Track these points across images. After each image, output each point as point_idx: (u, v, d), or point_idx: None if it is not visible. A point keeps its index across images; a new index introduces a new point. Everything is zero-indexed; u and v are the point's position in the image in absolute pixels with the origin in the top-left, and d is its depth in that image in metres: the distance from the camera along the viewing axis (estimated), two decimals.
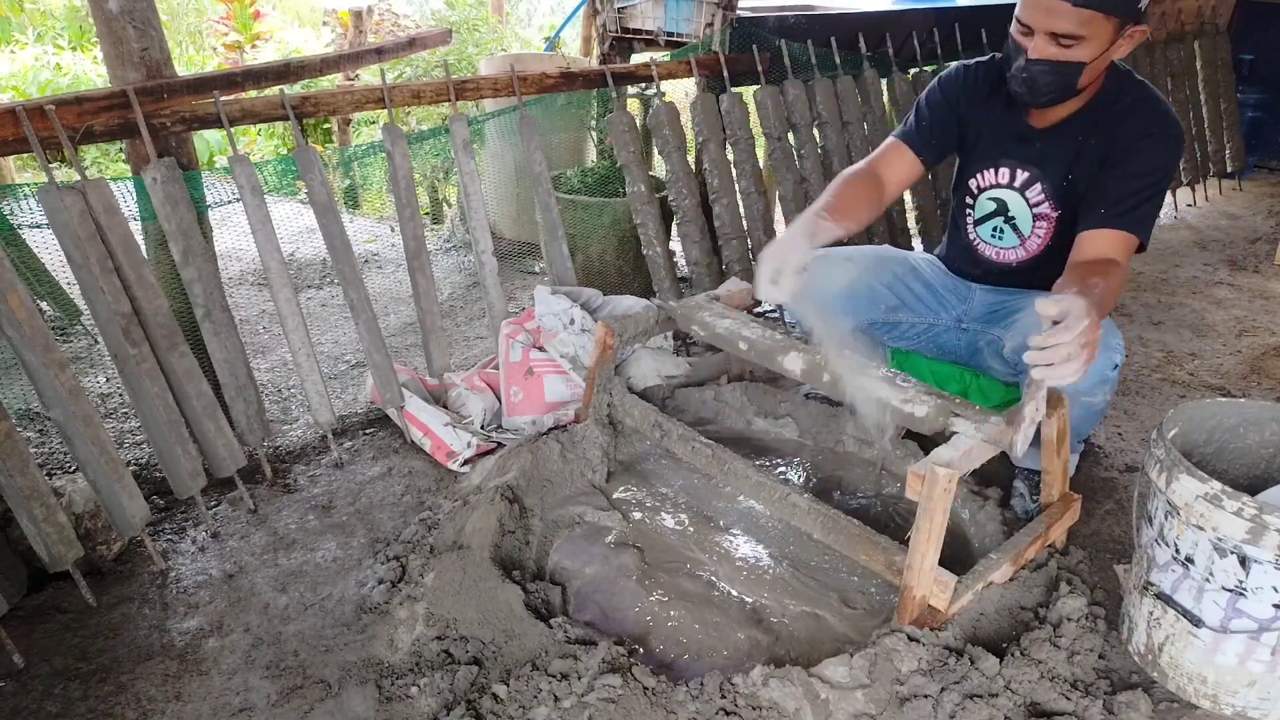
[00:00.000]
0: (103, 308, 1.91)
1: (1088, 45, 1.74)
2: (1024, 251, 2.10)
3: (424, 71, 5.70)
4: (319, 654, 1.74)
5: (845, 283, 2.23)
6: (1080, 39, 1.73)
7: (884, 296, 2.25)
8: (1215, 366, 3.02)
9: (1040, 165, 1.99)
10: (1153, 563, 1.64)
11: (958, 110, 2.10)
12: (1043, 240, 2.06)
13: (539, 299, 2.55)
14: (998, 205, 2.09)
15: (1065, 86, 1.82)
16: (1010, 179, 2.04)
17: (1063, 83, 1.81)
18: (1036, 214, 2.03)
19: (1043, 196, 2.01)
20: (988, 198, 2.10)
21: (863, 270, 2.26)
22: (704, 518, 2.10)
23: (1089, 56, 1.75)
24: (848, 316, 2.24)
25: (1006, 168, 2.04)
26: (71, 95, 1.96)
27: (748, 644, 1.72)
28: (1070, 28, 1.71)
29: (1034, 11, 1.75)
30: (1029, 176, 2.01)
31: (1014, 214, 2.07)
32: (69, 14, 7.34)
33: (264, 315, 3.43)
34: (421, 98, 2.53)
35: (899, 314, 2.28)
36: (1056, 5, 1.70)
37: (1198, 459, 1.77)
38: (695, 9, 3.42)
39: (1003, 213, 2.09)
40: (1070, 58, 1.76)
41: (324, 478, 2.32)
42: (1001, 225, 2.11)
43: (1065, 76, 1.79)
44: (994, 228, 2.12)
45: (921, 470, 1.56)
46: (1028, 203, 2.03)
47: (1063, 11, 1.70)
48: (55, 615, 1.84)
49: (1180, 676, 1.62)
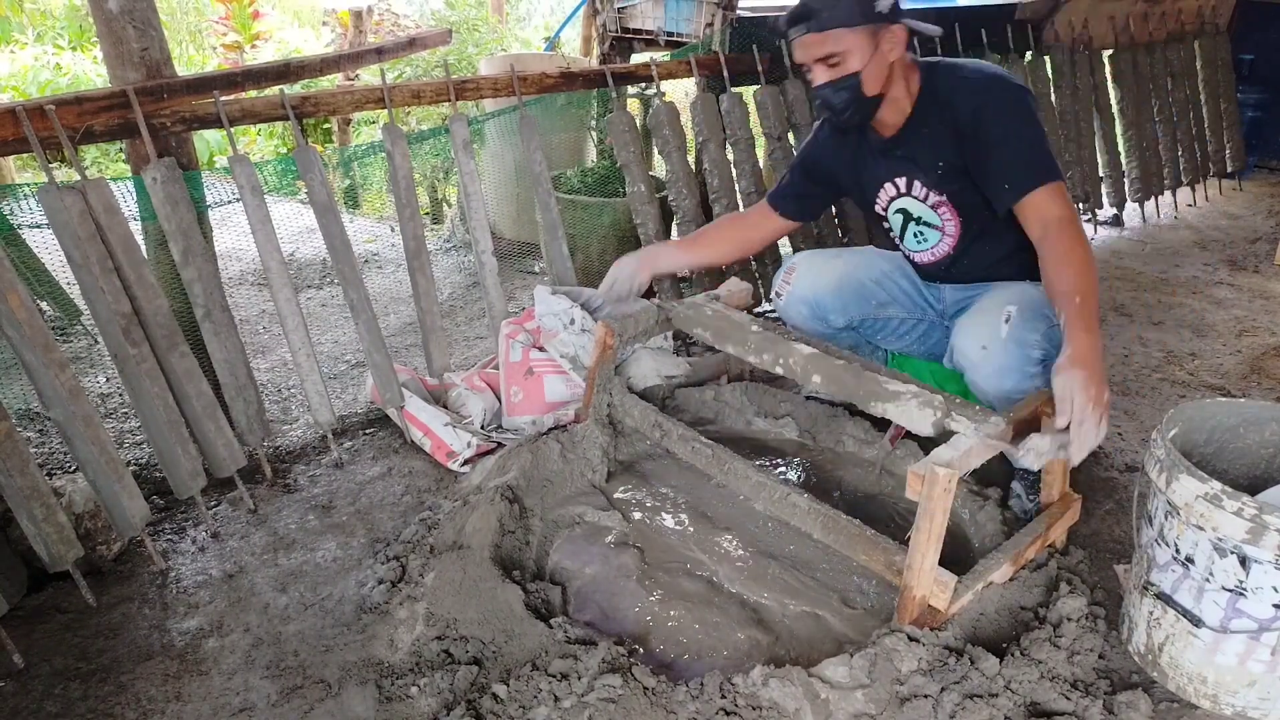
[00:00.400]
0: (103, 308, 1.91)
1: (851, 57, 1.91)
2: (951, 242, 2.14)
3: (424, 71, 5.71)
4: (319, 654, 1.74)
5: (835, 279, 2.28)
6: (841, 54, 1.90)
7: (873, 292, 2.30)
8: (1215, 366, 3.02)
9: (908, 164, 2.08)
10: (1153, 563, 1.64)
11: (828, 170, 2.25)
12: (956, 226, 2.11)
13: (539, 299, 2.55)
14: (904, 215, 2.17)
15: (856, 97, 1.95)
16: (896, 191, 2.14)
17: (852, 95, 1.95)
18: (933, 204, 2.10)
19: (926, 190, 2.08)
20: (893, 213, 2.19)
21: (852, 267, 2.32)
22: (704, 518, 2.10)
23: (859, 66, 1.91)
24: (839, 314, 2.27)
25: (889, 181, 2.14)
26: (71, 95, 1.96)
27: (748, 644, 1.72)
28: (827, 49, 1.90)
29: (799, 51, 1.96)
30: (907, 179, 2.10)
31: (918, 214, 2.14)
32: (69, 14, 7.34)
33: (264, 315, 3.43)
34: (421, 98, 2.53)
35: (889, 309, 2.31)
36: (807, 38, 1.92)
37: (1198, 459, 1.77)
38: (695, 9, 3.43)
39: (910, 218, 2.16)
40: (843, 72, 1.92)
41: (324, 478, 2.32)
42: (916, 229, 2.17)
43: (850, 89, 1.94)
44: (914, 234, 2.19)
45: (921, 470, 1.55)
46: (922, 200, 2.11)
47: (813, 41, 1.91)
48: (55, 615, 1.84)
49: (1180, 676, 1.62)
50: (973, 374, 1.94)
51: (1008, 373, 1.86)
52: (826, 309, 2.29)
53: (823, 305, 2.29)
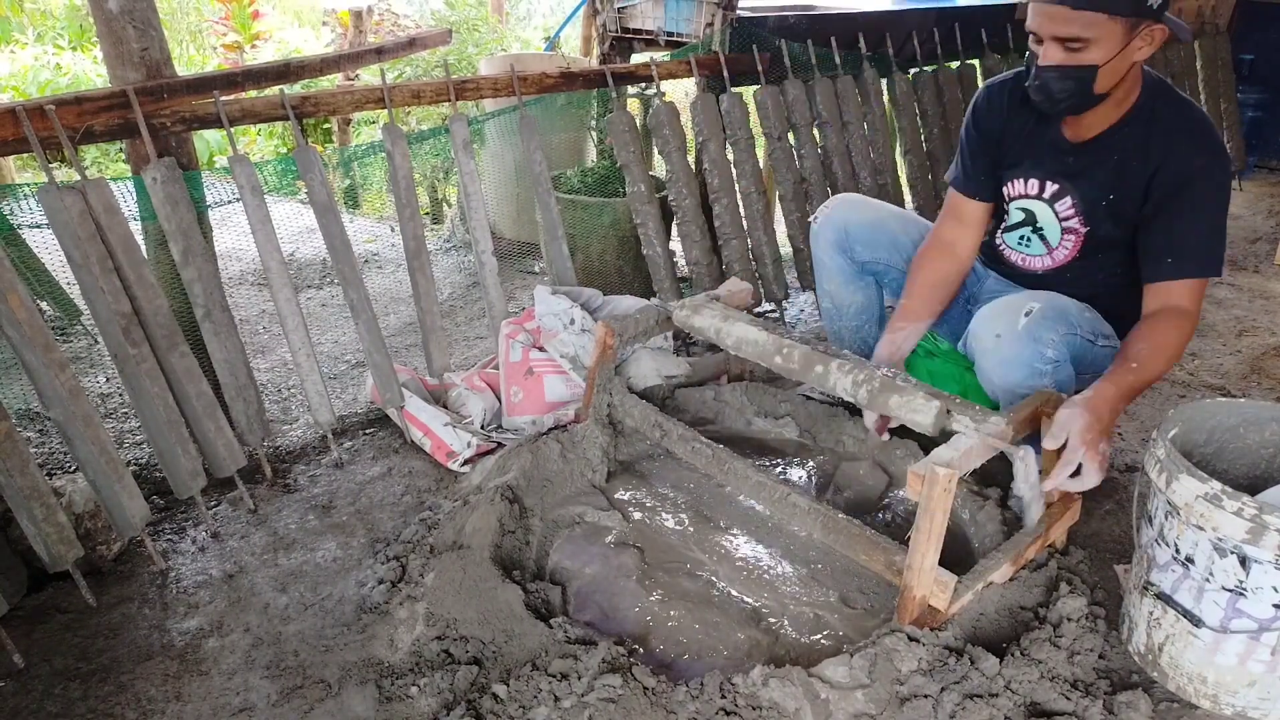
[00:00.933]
0: (103, 308, 1.91)
1: (1097, 48, 1.69)
2: (1050, 261, 2.09)
3: (424, 71, 5.71)
4: (319, 654, 1.74)
5: (872, 219, 2.26)
6: (1087, 41, 1.69)
7: (905, 247, 2.25)
8: (1215, 366, 3.02)
9: (1072, 179, 1.96)
10: (1153, 563, 1.64)
11: (994, 135, 2.07)
12: (1070, 253, 2.04)
13: (539, 299, 2.55)
14: (1026, 215, 2.08)
15: (1081, 92, 1.77)
16: (1040, 190, 2.02)
17: (1077, 88, 1.76)
18: (1065, 227, 2.01)
19: (1072, 211, 1.98)
20: (1017, 207, 2.09)
21: (892, 217, 2.29)
22: (704, 518, 2.10)
23: (1101, 59, 1.71)
24: (865, 250, 2.25)
25: (1036, 179, 2.01)
26: (71, 95, 1.96)
27: (748, 644, 1.72)
28: (1074, 31, 1.68)
29: (1038, 19, 1.73)
30: (1058, 189, 1.99)
31: (1042, 225, 2.05)
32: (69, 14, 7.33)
33: (264, 315, 3.43)
34: (421, 98, 2.53)
35: None
36: (1056, 10, 1.68)
37: (1198, 459, 1.77)
38: (695, 9, 3.42)
39: (1030, 223, 2.08)
40: (1080, 61, 1.72)
41: (324, 478, 2.32)
42: (1029, 235, 2.10)
43: (1079, 82, 1.75)
44: (1021, 236, 2.12)
45: (921, 470, 1.56)
46: (1056, 215, 2.01)
47: (1063, 15, 1.67)
48: (55, 615, 1.84)
49: (1180, 676, 1.62)
50: (982, 360, 1.93)
51: (1017, 365, 1.86)
52: (855, 241, 2.26)
53: (853, 236, 2.26)
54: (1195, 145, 1.81)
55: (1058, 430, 1.62)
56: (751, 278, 3.14)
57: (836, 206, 2.29)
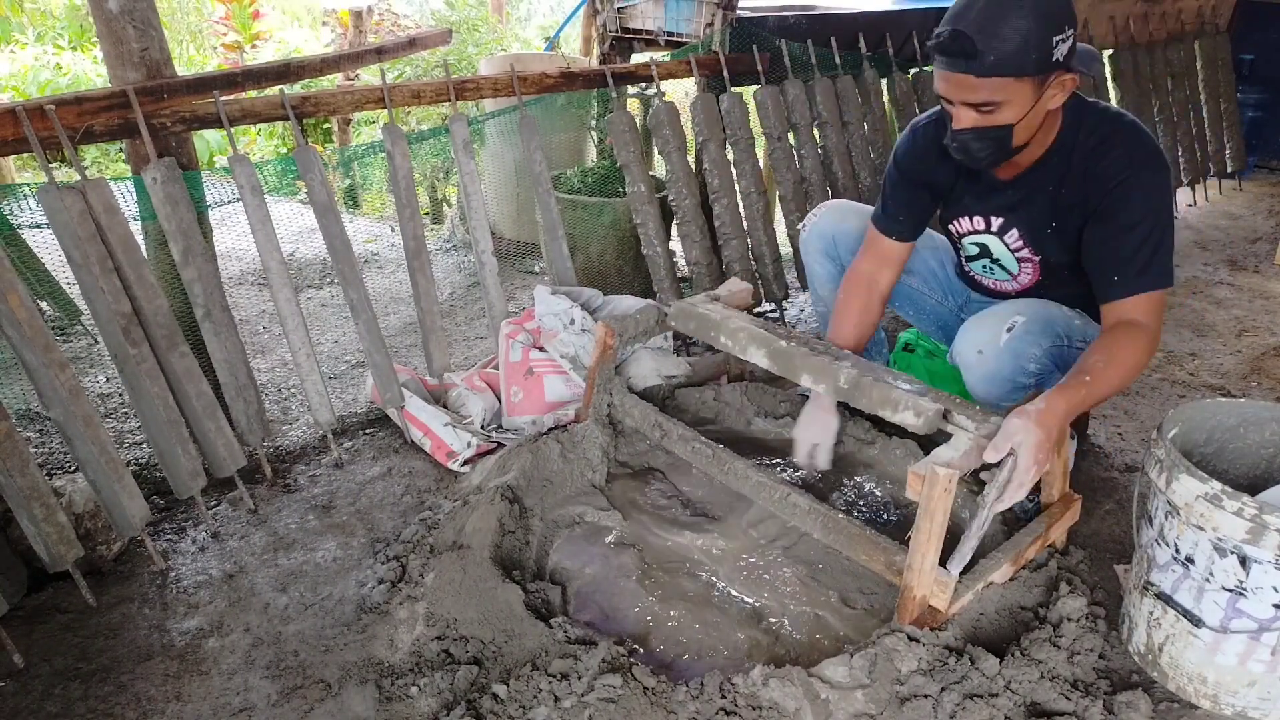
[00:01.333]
0: (103, 308, 1.91)
1: (1008, 108, 1.68)
2: (1016, 284, 2.10)
3: (424, 71, 5.70)
4: (319, 654, 1.74)
5: (860, 225, 2.24)
6: (997, 104, 1.67)
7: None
8: (1215, 366, 3.02)
9: (1013, 212, 1.95)
10: (1153, 563, 1.64)
11: (921, 178, 2.05)
12: (1032, 276, 2.04)
13: (539, 299, 2.55)
14: (980, 249, 2.09)
15: (1000, 149, 1.76)
16: (986, 225, 2.02)
17: (995, 146, 1.75)
18: (1019, 257, 2.02)
19: (1021, 242, 1.98)
20: (970, 242, 2.09)
21: None
22: (704, 517, 2.09)
23: (1014, 118, 1.70)
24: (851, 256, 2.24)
25: (980, 215, 2.01)
26: (71, 95, 1.96)
27: (748, 644, 1.72)
28: (983, 97, 1.66)
29: (945, 85, 1.71)
30: (1004, 222, 1.98)
31: (997, 256, 2.06)
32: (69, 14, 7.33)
33: (264, 315, 3.43)
34: (421, 98, 2.53)
35: (910, 278, 2.29)
36: (964, 78, 1.65)
37: (1198, 459, 1.77)
38: (695, 9, 3.42)
39: (986, 255, 2.09)
40: (994, 122, 1.70)
41: (324, 478, 2.32)
42: (988, 264, 2.11)
43: (996, 141, 1.74)
44: (984, 265, 2.13)
45: (921, 470, 1.55)
46: (1007, 247, 2.01)
47: (971, 83, 1.65)
48: (55, 615, 1.84)
49: (1180, 676, 1.62)
50: (967, 374, 1.94)
51: (998, 380, 1.86)
52: (842, 248, 2.25)
53: (840, 244, 2.26)
54: (1120, 156, 1.77)
55: (1002, 441, 1.56)
56: (751, 278, 3.14)
57: (823, 215, 2.30)
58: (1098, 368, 1.66)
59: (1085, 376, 1.64)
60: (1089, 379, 1.64)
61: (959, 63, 1.64)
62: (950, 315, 2.31)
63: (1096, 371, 1.65)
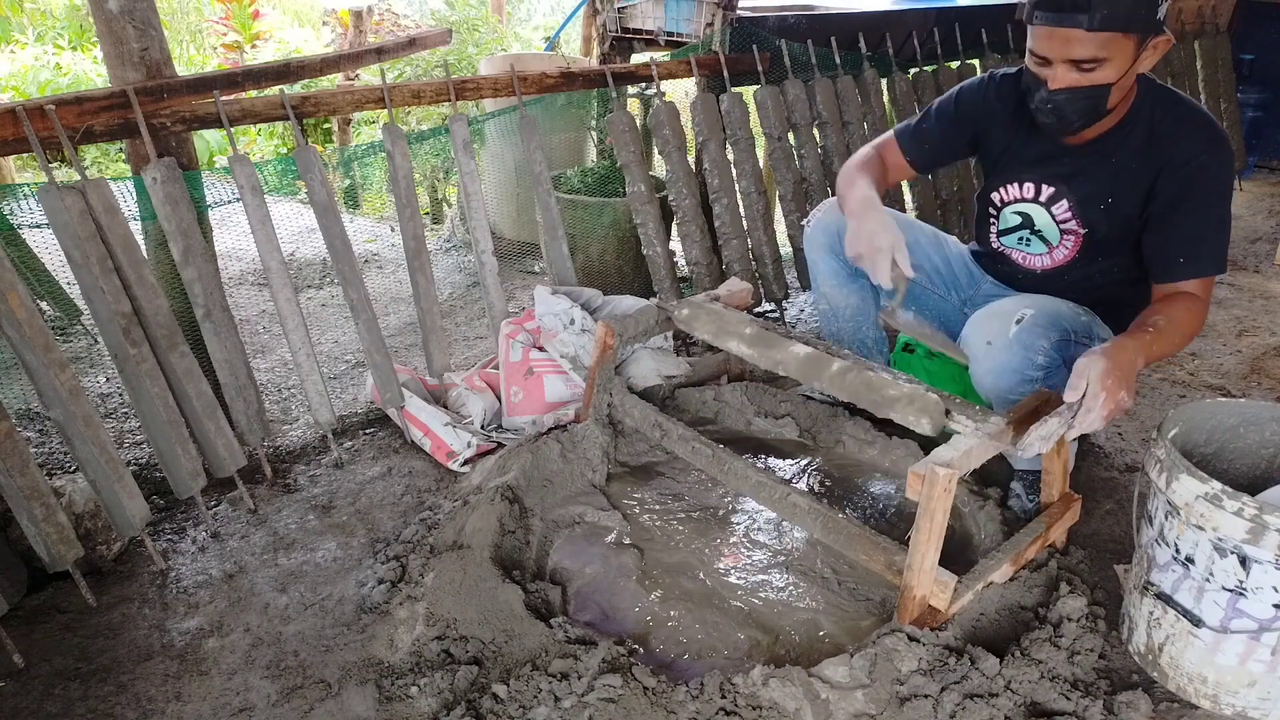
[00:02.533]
0: (103, 308, 1.91)
1: (1110, 66, 1.67)
2: (1050, 260, 2.07)
3: (424, 71, 5.70)
4: (319, 654, 1.74)
5: None
6: (1102, 61, 1.66)
7: None
8: (1215, 366, 3.02)
9: (1068, 182, 1.94)
10: (1153, 563, 1.64)
11: (975, 124, 2.05)
12: (1069, 253, 2.03)
13: (539, 299, 2.55)
14: (1023, 219, 2.06)
15: (1094, 110, 1.76)
16: (1035, 194, 2.00)
17: (1091, 107, 1.75)
18: (1064, 228, 2.00)
19: (1070, 214, 1.96)
20: (1012, 211, 2.07)
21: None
22: (704, 518, 2.10)
23: (1114, 77, 1.69)
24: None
25: (1031, 183, 2.00)
26: (71, 95, 1.96)
27: (748, 644, 1.72)
28: (1090, 52, 1.65)
29: (1049, 42, 1.69)
30: (1054, 192, 1.97)
31: (1040, 227, 2.04)
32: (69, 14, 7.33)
33: (264, 315, 3.43)
34: (422, 98, 2.53)
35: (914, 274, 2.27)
36: (1072, 33, 1.64)
37: (1198, 459, 1.77)
38: (695, 9, 3.42)
39: (1028, 226, 2.06)
40: (1095, 81, 1.70)
41: (324, 478, 2.32)
42: (1028, 235, 2.08)
43: (1093, 100, 1.73)
44: (1020, 237, 2.10)
45: (921, 470, 1.56)
46: (1053, 218, 2.00)
47: (1079, 38, 1.64)
48: (55, 615, 1.84)
49: (1180, 676, 1.62)
50: (974, 366, 1.93)
51: (1006, 372, 1.86)
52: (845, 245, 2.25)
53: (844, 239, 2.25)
54: (1199, 141, 1.79)
55: (1076, 378, 1.57)
56: (751, 278, 3.14)
57: (828, 210, 2.29)
58: (1160, 325, 1.68)
59: (1149, 329, 1.66)
60: (1153, 331, 1.66)
61: (1069, 16, 1.62)
62: (954, 311, 2.30)
63: (1160, 327, 1.67)
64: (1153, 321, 1.70)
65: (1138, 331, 1.68)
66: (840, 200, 2.05)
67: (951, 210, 3.76)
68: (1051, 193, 1.98)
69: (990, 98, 2.03)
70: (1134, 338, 1.65)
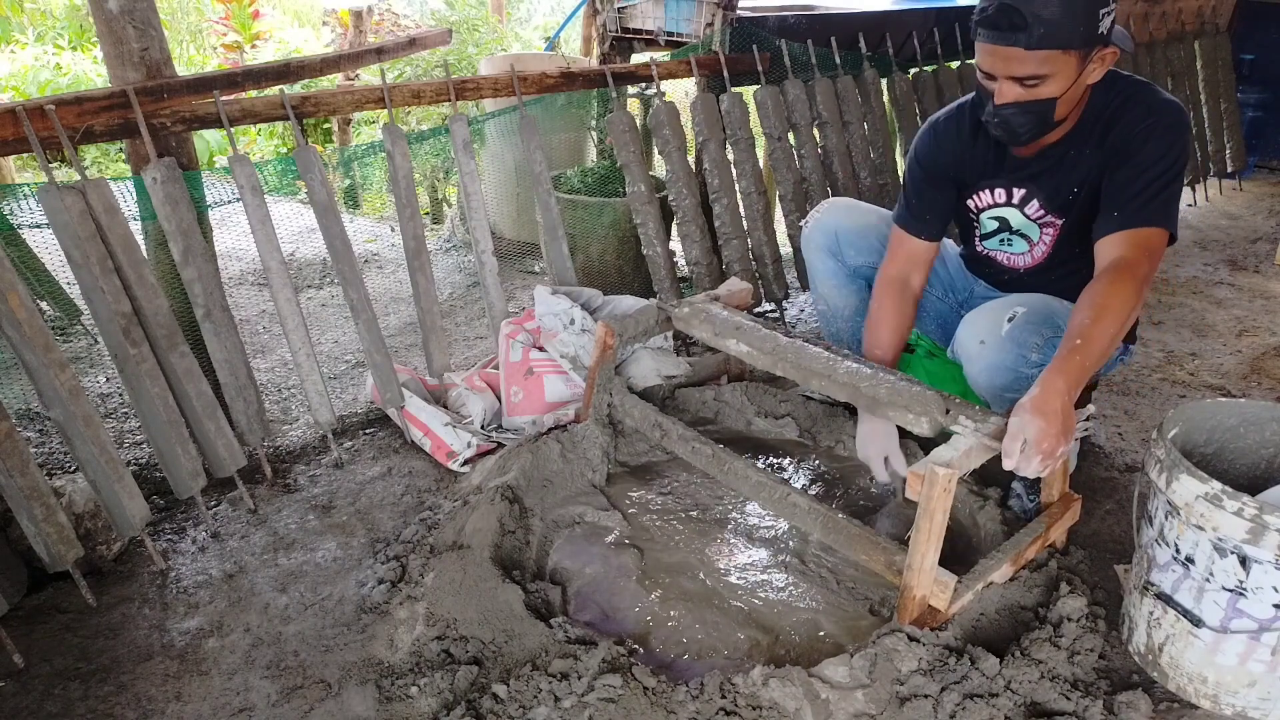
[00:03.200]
0: (103, 308, 1.91)
1: (1053, 81, 1.70)
2: (1031, 258, 2.09)
3: (424, 72, 5.71)
4: (319, 654, 1.74)
5: (861, 224, 2.24)
6: (1043, 78, 1.69)
7: None
8: (1215, 366, 3.02)
9: (1035, 181, 1.96)
10: (1153, 563, 1.64)
11: (945, 172, 2.06)
12: (1049, 245, 2.04)
13: (539, 299, 2.55)
14: (1000, 223, 2.08)
15: (1041, 124, 1.78)
16: (1007, 198, 2.02)
17: (1037, 120, 1.77)
18: (1041, 224, 2.01)
19: (1043, 211, 1.98)
20: (988, 217, 2.09)
21: (880, 222, 2.25)
22: (704, 518, 2.10)
23: (1058, 91, 1.72)
24: (856, 254, 2.24)
25: (1002, 188, 2.01)
26: (71, 95, 1.96)
27: (748, 644, 1.72)
28: (1030, 70, 1.68)
29: (991, 59, 1.72)
30: (1025, 193, 1.98)
31: (1018, 227, 2.05)
32: (69, 14, 7.34)
33: (264, 315, 3.43)
34: (422, 98, 2.53)
35: None
36: (1012, 51, 1.67)
37: (1198, 459, 1.77)
38: (695, 9, 3.42)
39: (1006, 228, 2.08)
40: (1038, 95, 1.72)
41: (324, 478, 2.32)
42: (1007, 237, 2.09)
43: (1038, 115, 1.76)
44: (1001, 239, 2.11)
45: (921, 470, 1.55)
46: (1028, 216, 2.01)
47: (1019, 56, 1.67)
48: (55, 615, 1.84)
49: (1180, 676, 1.62)
50: (969, 366, 1.94)
51: (1001, 370, 1.86)
52: (845, 245, 2.25)
53: (843, 241, 2.25)
54: (1142, 109, 1.79)
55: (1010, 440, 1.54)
56: (751, 278, 3.14)
57: (826, 211, 2.29)
58: (1085, 326, 1.62)
59: (1075, 340, 1.61)
60: (1079, 342, 1.60)
61: (1007, 35, 1.65)
62: (951, 313, 2.31)
63: (1084, 331, 1.61)
64: (1078, 326, 1.63)
65: (1064, 354, 1.61)
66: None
67: None
68: (1023, 194, 1.99)
69: (944, 140, 2.04)
70: (1061, 370, 1.58)
